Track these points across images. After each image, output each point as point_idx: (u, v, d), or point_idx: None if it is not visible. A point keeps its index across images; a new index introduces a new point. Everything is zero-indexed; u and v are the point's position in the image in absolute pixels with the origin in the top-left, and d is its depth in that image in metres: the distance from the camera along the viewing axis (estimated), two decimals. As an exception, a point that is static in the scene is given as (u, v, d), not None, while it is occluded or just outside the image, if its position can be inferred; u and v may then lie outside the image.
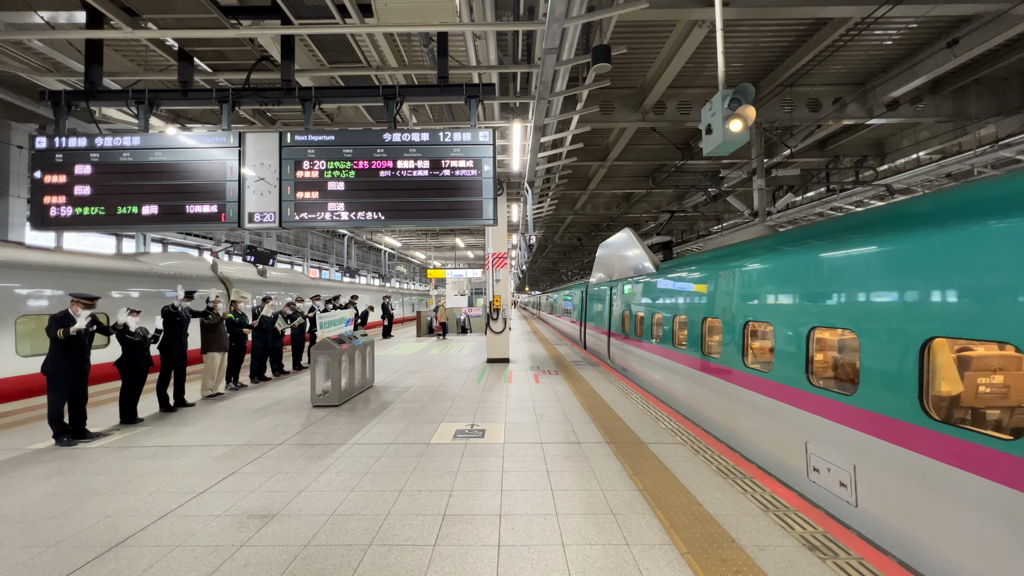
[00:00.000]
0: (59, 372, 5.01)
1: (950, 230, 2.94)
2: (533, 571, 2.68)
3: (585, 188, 16.42)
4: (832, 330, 3.89)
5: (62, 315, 5.02)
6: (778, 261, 4.60)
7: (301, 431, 5.50)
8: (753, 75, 9.46)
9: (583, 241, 30.07)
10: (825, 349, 4.22)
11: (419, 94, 5.83)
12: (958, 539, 2.70)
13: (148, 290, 9.64)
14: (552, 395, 7.37)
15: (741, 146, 4.16)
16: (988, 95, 9.56)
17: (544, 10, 5.13)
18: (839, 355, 4.16)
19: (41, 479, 4.10)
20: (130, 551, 2.92)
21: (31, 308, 7.37)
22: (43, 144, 5.29)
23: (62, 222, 5.25)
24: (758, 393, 4.69)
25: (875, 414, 3.29)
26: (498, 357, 11.24)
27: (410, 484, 3.92)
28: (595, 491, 3.74)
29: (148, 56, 7.59)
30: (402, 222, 5.35)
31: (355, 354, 7.45)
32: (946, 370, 3.05)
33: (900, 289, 3.22)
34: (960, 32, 7.63)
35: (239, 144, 5.31)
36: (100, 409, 6.29)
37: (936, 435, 2.85)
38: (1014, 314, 2.51)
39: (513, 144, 9.17)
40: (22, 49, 6.98)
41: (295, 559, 2.81)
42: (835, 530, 3.06)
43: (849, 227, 3.91)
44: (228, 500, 3.64)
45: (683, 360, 6.62)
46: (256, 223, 5.28)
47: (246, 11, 5.33)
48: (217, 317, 7.28)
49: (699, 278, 6.38)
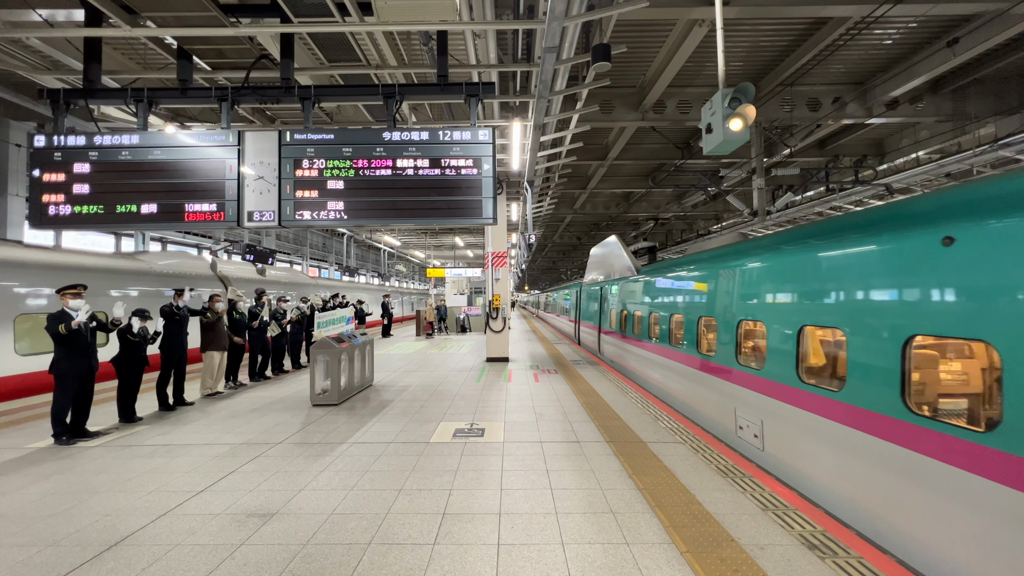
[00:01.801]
0: (67, 371, 4.99)
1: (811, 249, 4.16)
2: (533, 570, 2.68)
3: (585, 187, 16.42)
4: (754, 322, 4.98)
5: (59, 312, 5.00)
6: (719, 270, 5.77)
7: (300, 430, 5.50)
8: (753, 74, 9.46)
9: (582, 240, 30.08)
10: (752, 338, 5.23)
11: (419, 93, 5.82)
12: (818, 462, 3.86)
13: (147, 289, 9.63)
14: (552, 394, 7.37)
15: (741, 145, 4.16)
16: (988, 95, 9.56)
17: (544, 9, 5.12)
18: (757, 341, 5.12)
19: (40, 478, 4.09)
20: (129, 550, 2.91)
21: (30, 307, 7.36)
22: (41, 142, 5.27)
23: (61, 221, 5.24)
24: (706, 373, 5.85)
25: (774, 382, 4.44)
26: (497, 356, 11.24)
27: (409, 483, 3.92)
28: (595, 490, 3.74)
29: (147, 54, 7.58)
30: (401, 221, 5.34)
31: (354, 353, 7.44)
32: (814, 347, 4.20)
33: (791, 292, 4.39)
34: (960, 31, 7.62)
35: (238, 143, 5.30)
36: (99, 408, 6.28)
37: (807, 394, 3.99)
38: (844, 305, 3.72)
39: (513, 143, 9.16)
40: (21, 47, 6.97)
41: (294, 558, 2.81)
42: (834, 529, 3.06)
43: (759, 246, 5.16)
44: (227, 499, 3.63)
45: (657, 351, 7.71)
46: (255, 222, 5.27)
47: (245, 9, 5.31)
48: (216, 315, 7.27)
49: (667, 282, 7.57)
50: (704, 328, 6.12)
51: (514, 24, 5.58)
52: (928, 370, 3.37)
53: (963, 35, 7.58)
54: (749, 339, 5.23)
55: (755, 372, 4.75)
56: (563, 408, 6.44)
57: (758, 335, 5.00)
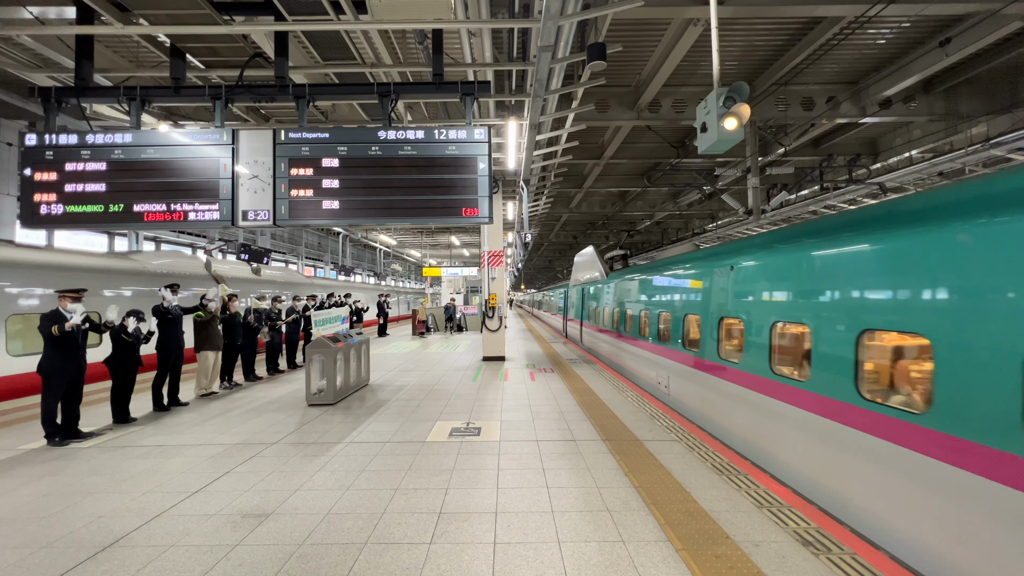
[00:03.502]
0: (55, 371, 4.95)
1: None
2: (529, 568, 2.68)
3: (580, 186, 16.43)
4: (667, 314, 7.32)
5: (53, 313, 4.96)
6: (654, 277, 8.17)
7: (296, 430, 5.48)
8: (747, 74, 9.50)
9: (578, 239, 30.10)
10: (666, 324, 7.40)
11: (414, 92, 5.81)
12: (689, 393, 6.35)
13: (141, 289, 9.56)
14: (548, 393, 7.38)
15: (735, 144, 4.18)
16: (979, 94, 9.64)
17: (539, 7, 5.12)
18: (667, 326, 7.31)
19: (33, 479, 4.06)
20: (123, 551, 2.90)
21: (22, 307, 7.29)
22: (33, 141, 5.23)
23: (52, 220, 5.20)
24: (646, 351, 8.23)
25: (674, 351, 6.88)
26: (494, 355, 11.24)
27: (406, 482, 3.92)
28: (591, 488, 3.75)
29: (140, 52, 7.52)
30: (397, 220, 5.33)
31: (350, 352, 7.42)
32: (694, 329, 6.27)
33: (683, 295, 6.69)
34: (952, 31, 7.68)
35: (232, 141, 5.27)
36: (92, 408, 6.24)
37: (686, 355, 6.40)
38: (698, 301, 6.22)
39: (508, 142, 9.16)
40: (11, 45, 6.88)
41: (290, 558, 2.80)
42: (828, 526, 3.09)
43: (672, 262, 7.63)
44: (223, 499, 3.62)
45: (620, 338, 10.20)
46: (250, 221, 5.25)
47: (239, 7, 5.28)
48: (209, 314, 7.22)
49: (623, 285, 10.22)
50: (644, 319, 8.51)
51: (509, 23, 5.58)
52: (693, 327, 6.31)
53: (955, 35, 7.63)
54: (664, 325, 7.45)
55: (666, 346, 7.26)
56: (559, 407, 6.46)
57: (669, 323, 7.24)
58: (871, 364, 3.46)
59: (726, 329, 5.49)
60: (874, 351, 3.46)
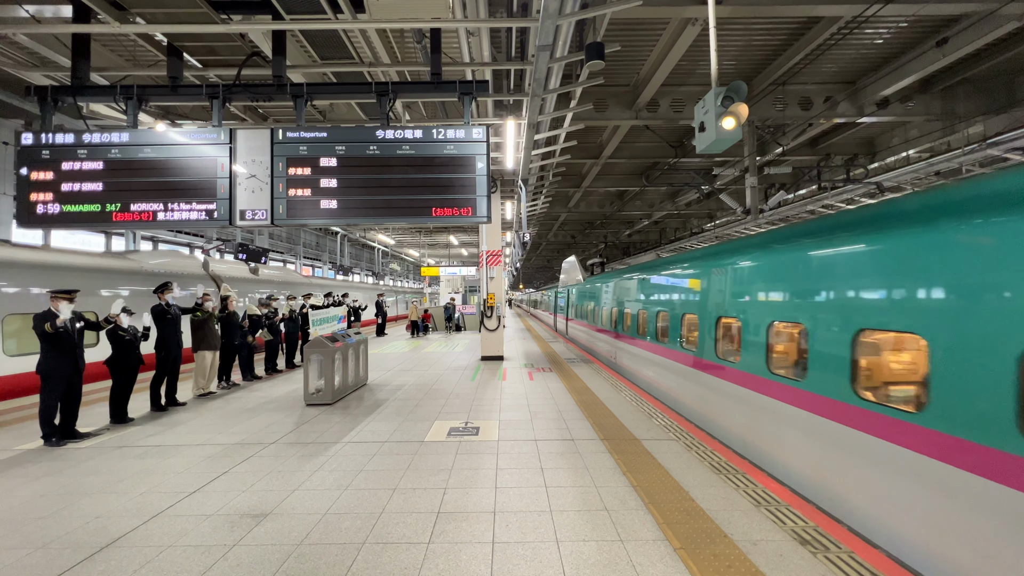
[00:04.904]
0: (54, 371, 4.93)
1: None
2: (527, 567, 2.68)
3: (579, 186, 16.43)
4: (626, 311, 9.39)
5: (46, 312, 4.94)
6: (619, 281, 10.30)
7: (294, 430, 5.48)
8: (745, 73, 9.51)
9: (576, 239, 30.14)
10: (626, 318, 9.35)
11: (412, 91, 5.79)
12: (631, 363, 9.07)
13: (138, 288, 9.53)
14: (546, 392, 7.39)
15: (733, 144, 4.19)
16: (976, 94, 9.68)
17: (538, 7, 5.11)
18: (628, 320, 9.15)
19: (30, 480, 4.05)
20: (121, 551, 2.89)
21: (18, 307, 7.26)
22: (29, 140, 5.20)
23: (49, 219, 5.17)
24: (617, 340, 10.11)
25: (626, 336, 9.26)
26: (492, 355, 11.24)
27: (404, 482, 3.92)
28: (589, 488, 3.76)
29: (136, 51, 7.48)
30: (395, 219, 5.32)
31: (348, 352, 7.41)
32: (646, 320, 8.03)
33: (641, 294, 8.51)
34: (950, 31, 7.70)
35: (230, 141, 5.25)
36: (89, 409, 6.22)
37: (633, 339, 8.78)
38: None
39: (507, 141, 9.15)
40: (7, 43, 6.84)
41: (288, 558, 2.80)
42: (826, 524, 3.10)
43: (634, 269, 9.71)
44: (220, 499, 3.61)
45: (596, 330, 12.63)
46: (248, 220, 5.23)
47: (237, 6, 5.25)
48: (205, 314, 7.19)
49: (596, 287, 12.93)
50: (613, 314, 10.58)
51: (508, 22, 5.57)
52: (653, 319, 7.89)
53: (952, 35, 7.66)
54: (627, 319, 9.33)
55: (623, 333, 9.43)
56: (558, 406, 6.46)
57: (629, 317, 9.15)
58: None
59: (652, 317, 7.79)
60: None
